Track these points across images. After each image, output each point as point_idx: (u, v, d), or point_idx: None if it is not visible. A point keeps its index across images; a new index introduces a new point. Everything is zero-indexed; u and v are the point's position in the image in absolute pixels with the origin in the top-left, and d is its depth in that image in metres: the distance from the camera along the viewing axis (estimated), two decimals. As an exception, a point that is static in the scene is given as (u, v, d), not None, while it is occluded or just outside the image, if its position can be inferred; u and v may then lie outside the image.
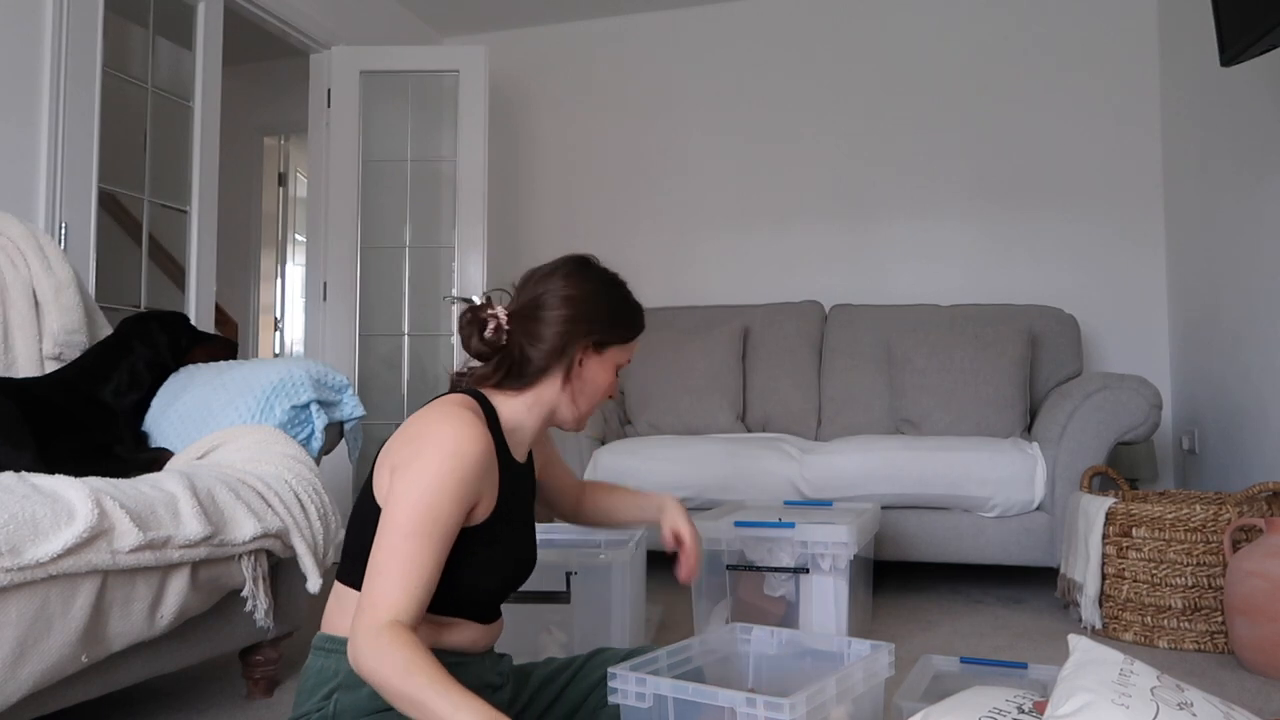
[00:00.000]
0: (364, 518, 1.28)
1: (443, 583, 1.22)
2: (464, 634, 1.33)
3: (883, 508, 2.90)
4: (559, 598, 1.97)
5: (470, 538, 1.27)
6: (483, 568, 1.30)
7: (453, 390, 1.37)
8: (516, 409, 1.37)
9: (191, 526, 1.57)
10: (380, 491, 1.26)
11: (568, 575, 1.98)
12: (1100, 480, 2.81)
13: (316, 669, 1.27)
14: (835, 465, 2.96)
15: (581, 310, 1.35)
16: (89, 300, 2.31)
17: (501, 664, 1.43)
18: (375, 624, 1.11)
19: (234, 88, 4.10)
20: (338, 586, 1.31)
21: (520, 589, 1.55)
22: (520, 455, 1.40)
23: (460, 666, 1.28)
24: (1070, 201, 3.98)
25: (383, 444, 1.32)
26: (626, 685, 1.27)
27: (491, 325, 1.34)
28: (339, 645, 1.26)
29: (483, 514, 1.28)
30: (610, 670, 1.28)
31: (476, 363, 1.38)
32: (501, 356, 1.35)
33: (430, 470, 1.19)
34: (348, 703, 1.23)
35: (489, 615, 1.38)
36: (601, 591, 2.00)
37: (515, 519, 1.37)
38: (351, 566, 1.29)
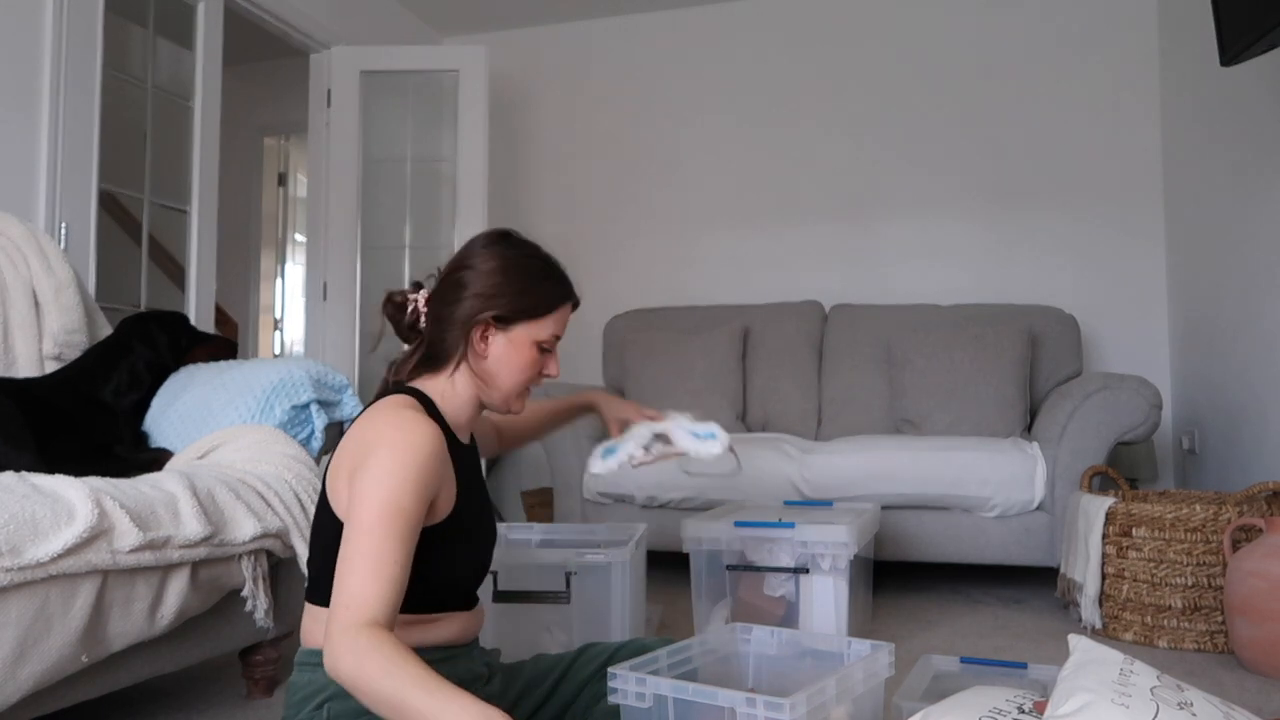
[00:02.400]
0: (323, 535, 1.26)
1: (422, 581, 1.21)
2: (449, 627, 1.32)
3: (883, 508, 2.90)
4: (559, 598, 1.97)
5: (442, 532, 1.26)
6: (459, 558, 1.30)
7: (382, 394, 1.34)
8: (445, 393, 1.35)
9: (191, 526, 1.57)
10: (338, 503, 1.23)
11: (567, 575, 1.98)
12: (1100, 480, 2.81)
13: (304, 683, 1.25)
14: (835, 465, 2.96)
15: (481, 286, 1.31)
16: (89, 300, 2.31)
17: (490, 656, 1.43)
18: (351, 624, 1.07)
19: (234, 88, 4.10)
20: (309, 606, 1.28)
21: (520, 589, 1.55)
22: (464, 438, 1.40)
23: (448, 661, 1.28)
24: (1070, 201, 3.98)
25: None
26: (626, 685, 1.27)
27: (409, 309, 1.36)
28: (321, 659, 1.22)
29: (446, 506, 1.27)
30: (610, 670, 1.28)
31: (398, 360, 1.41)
32: (420, 341, 1.36)
33: (388, 469, 1.16)
34: (340, 710, 1.21)
35: (470, 602, 1.39)
36: (601, 591, 2.00)
37: (475, 501, 1.37)
38: (317, 585, 1.27)
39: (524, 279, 1.34)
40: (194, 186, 3.30)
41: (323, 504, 1.27)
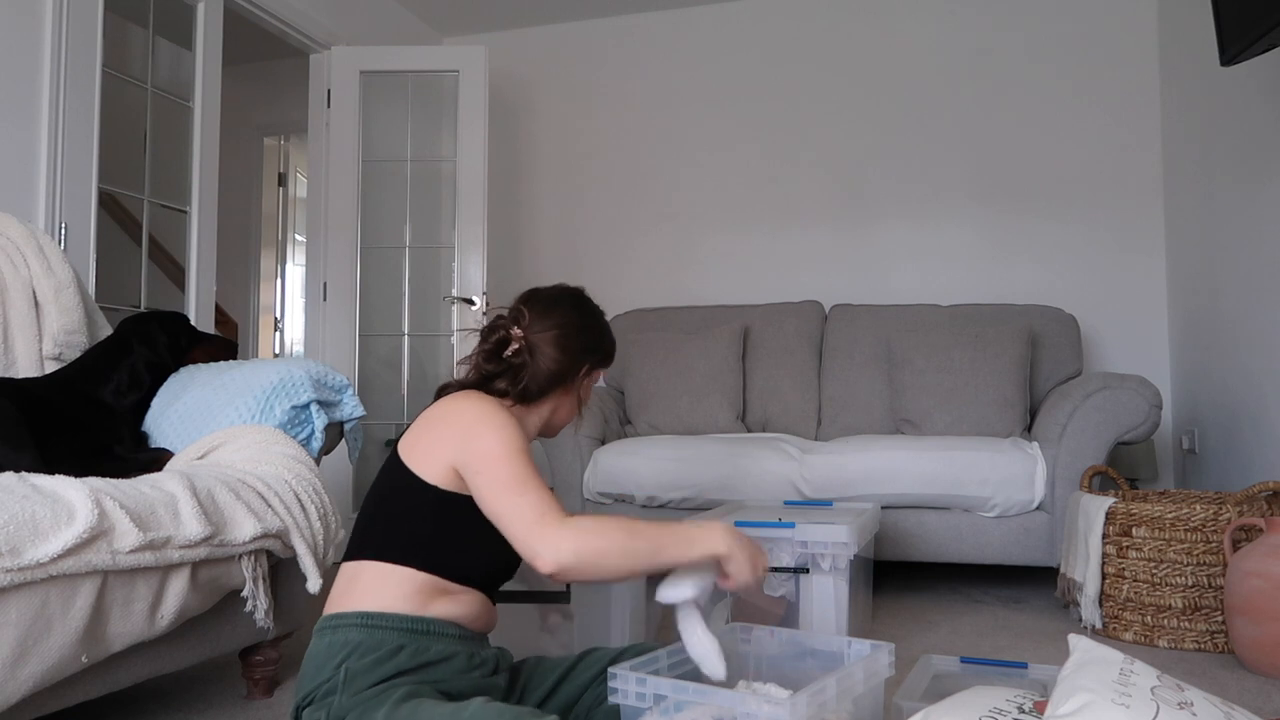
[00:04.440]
0: (393, 493, 1.38)
1: (455, 546, 1.34)
2: (468, 604, 1.38)
3: (883, 508, 2.90)
4: (559, 598, 1.97)
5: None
6: (492, 535, 1.35)
7: (462, 388, 1.48)
8: (531, 423, 1.52)
9: (191, 527, 1.57)
10: (422, 466, 1.35)
11: (568, 575, 1.98)
12: (1100, 480, 2.81)
13: (324, 646, 1.31)
14: (835, 465, 2.96)
15: (584, 341, 1.54)
16: (89, 300, 2.31)
17: (499, 651, 1.46)
18: (559, 522, 1.26)
19: (234, 88, 4.09)
20: (354, 565, 1.37)
21: (520, 589, 1.56)
22: None
23: (462, 639, 1.35)
24: (1070, 201, 3.98)
25: (390, 440, 1.36)
26: (626, 685, 1.27)
27: (514, 346, 1.48)
28: (347, 619, 1.31)
29: None
30: (610, 670, 1.29)
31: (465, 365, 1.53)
32: (512, 372, 1.47)
33: (504, 431, 1.34)
34: (358, 668, 1.27)
35: (491, 593, 1.45)
36: (602, 591, 2.00)
37: None
38: (377, 540, 1.36)
39: (607, 334, 1.62)
40: (194, 187, 3.30)
41: (397, 467, 1.38)
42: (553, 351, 1.49)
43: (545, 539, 1.25)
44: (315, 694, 1.28)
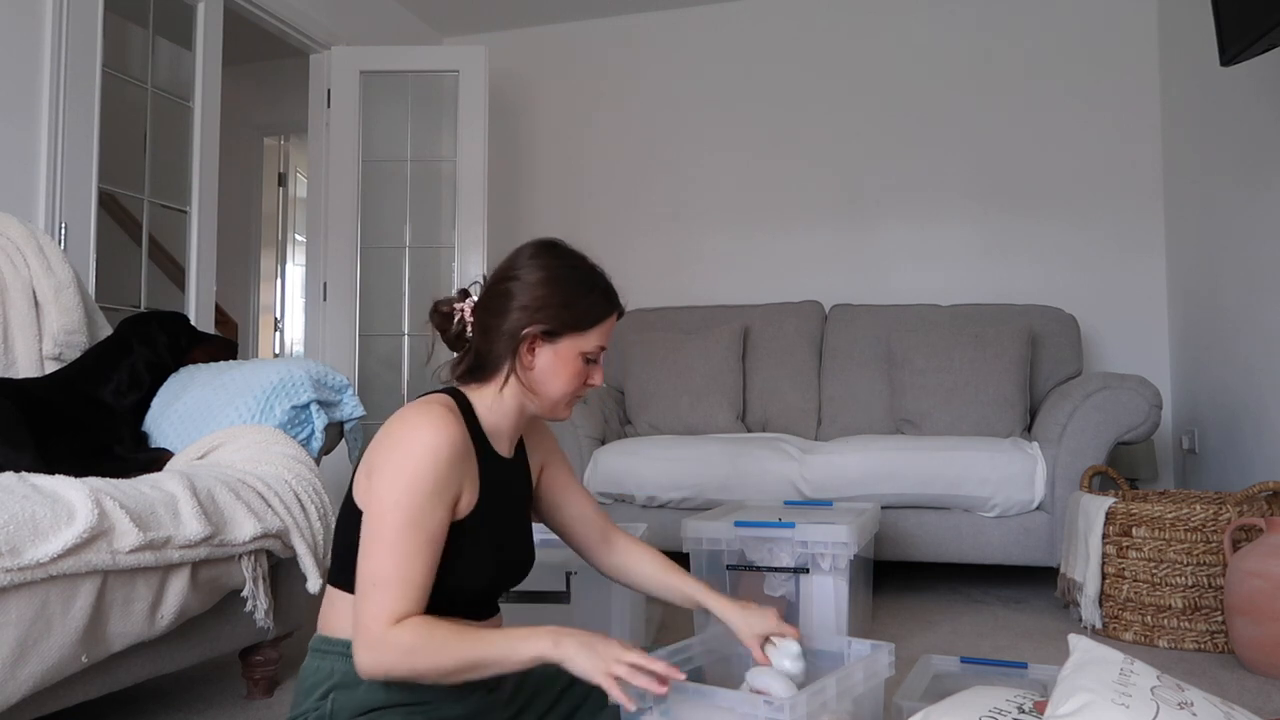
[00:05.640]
0: (348, 523, 1.29)
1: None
2: None
3: (883, 508, 2.89)
4: (559, 598, 1.97)
5: (451, 533, 1.26)
6: (467, 566, 1.29)
7: (433, 390, 1.38)
8: (487, 402, 1.35)
9: (191, 527, 1.57)
10: (359, 496, 1.27)
11: (568, 575, 1.98)
12: (1100, 480, 2.81)
13: (313, 669, 1.29)
14: (835, 465, 2.96)
15: (528, 299, 1.30)
16: (89, 300, 2.31)
17: None
18: (379, 633, 1.15)
19: (234, 88, 4.09)
20: (330, 590, 1.33)
21: (519, 589, 1.54)
22: (504, 449, 1.39)
23: None
24: (1070, 201, 3.98)
25: None
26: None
27: (456, 318, 1.36)
28: (335, 646, 1.27)
29: (464, 509, 1.28)
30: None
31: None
32: (466, 349, 1.36)
33: (405, 469, 1.19)
34: (345, 701, 1.24)
35: (482, 613, 1.38)
36: (602, 591, 2.00)
37: (501, 516, 1.36)
38: (340, 569, 1.30)
39: (570, 291, 1.33)
40: (194, 187, 3.30)
41: (349, 491, 1.30)
42: (485, 318, 1.32)
43: (368, 646, 1.16)
44: (306, 716, 1.26)
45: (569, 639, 1.17)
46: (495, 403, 1.35)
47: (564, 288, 1.32)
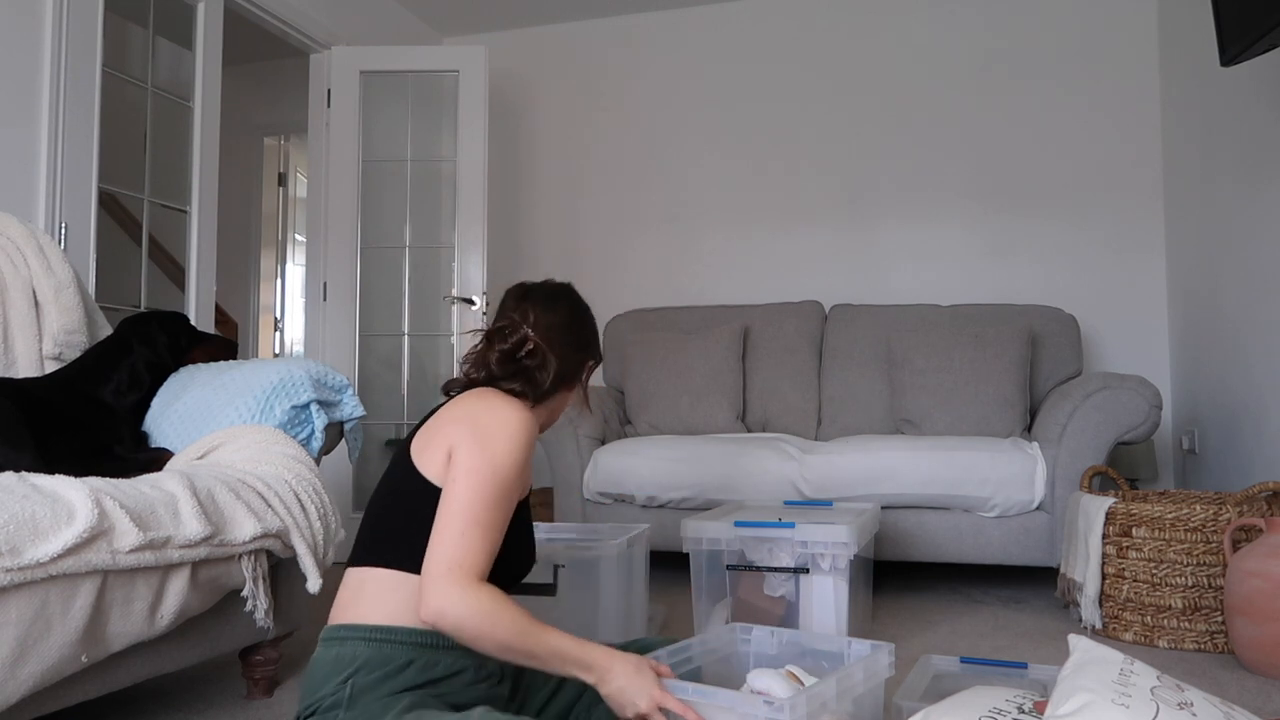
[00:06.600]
0: (403, 497, 1.35)
1: None
2: None
3: (883, 508, 2.90)
4: (545, 590, 1.96)
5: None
6: (512, 543, 1.35)
7: (471, 385, 1.47)
8: (540, 419, 1.52)
9: (191, 526, 1.57)
10: (431, 469, 1.33)
11: (555, 568, 1.97)
12: (1100, 480, 2.81)
13: (331, 658, 1.28)
14: (835, 465, 2.96)
15: (586, 337, 1.55)
16: (89, 300, 2.31)
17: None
18: (466, 579, 1.23)
19: (234, 88, 4.10)
20: (360, 573, 1.33)
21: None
22: None
23: (470, 651, 1.29)
24: (1070, 201, 3.98)
25: (390, 440, 1.36)
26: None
27: (529, 347, 1.46)
28: (355, 632, 1.28)
29: (521, 493, 1.40)
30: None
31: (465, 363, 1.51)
32: (526, 374, 1.46)
33: (499, 447, 1.31)
34: (365, 684, 1.24)
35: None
36: (590, 585, 1.99)
37: (525, 509, 1.47)
38: (384, 548, 1.33)
39: (595, 328, 1.61)
40: (194, 187, 3.30)
41: (405, 466, 1.36)
42: (561, 349, 1.48)
43: (443, 591, 1.22)
44: (319, 705, 1.25)
45: (614, 680, 1.26)
46: (541, 418, 1.52)
47: (594, 324, 1.60)
